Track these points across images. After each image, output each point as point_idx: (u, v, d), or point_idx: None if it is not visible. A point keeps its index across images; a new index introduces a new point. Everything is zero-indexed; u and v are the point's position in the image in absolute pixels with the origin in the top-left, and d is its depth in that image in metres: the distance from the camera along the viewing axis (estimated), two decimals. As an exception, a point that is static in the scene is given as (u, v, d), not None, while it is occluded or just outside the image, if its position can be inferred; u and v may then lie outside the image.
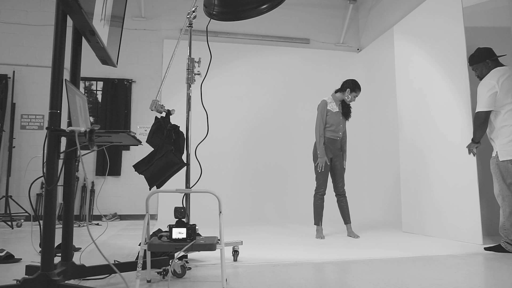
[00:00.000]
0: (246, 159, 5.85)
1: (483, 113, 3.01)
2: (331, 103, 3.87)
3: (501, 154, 2.97)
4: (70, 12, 1.66)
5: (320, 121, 3.82)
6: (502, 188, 2.95)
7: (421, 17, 4.13)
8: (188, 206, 2.52)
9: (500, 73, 3.01)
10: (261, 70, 6.10)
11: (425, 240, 3.56)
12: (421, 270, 2.30)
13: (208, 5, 2.87)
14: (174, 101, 5.50)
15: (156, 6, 6.04)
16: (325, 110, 3.83)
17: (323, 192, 3.80)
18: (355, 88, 3.82)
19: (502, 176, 2.95)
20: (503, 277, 2.16)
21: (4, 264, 2.45)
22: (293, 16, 6.43)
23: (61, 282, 1.61)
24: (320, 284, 2.01)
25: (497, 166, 2.98)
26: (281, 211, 5.70)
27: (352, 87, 3.83)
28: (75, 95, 1.80)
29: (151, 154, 2.44)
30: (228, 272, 2.27)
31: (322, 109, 3.83)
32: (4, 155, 5.24)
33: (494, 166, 3.02)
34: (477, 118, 3.05)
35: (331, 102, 3.88)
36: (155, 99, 2.42)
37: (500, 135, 3.00)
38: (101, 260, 2.41)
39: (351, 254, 2.86)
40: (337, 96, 3.90)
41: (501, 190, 2.96)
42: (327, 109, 3.84)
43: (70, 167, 1.89)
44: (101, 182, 5.51)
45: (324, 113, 3.83)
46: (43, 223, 1.62)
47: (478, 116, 3.04)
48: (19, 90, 5.46)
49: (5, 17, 5.55)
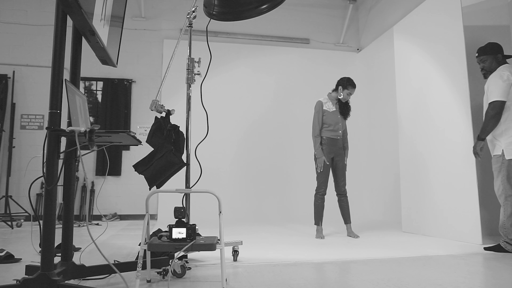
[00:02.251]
0: (246, 159, 5.85)
1: (499, 103, 2.86)
2: (327, 103, 3.88)
3: (508, 152, 2.88)
4: (70, 12, 1.66)
5: (315, 122, 3.84)
6: (506, 187, 2.89)
7: (421, 17, 4.13)
8: (188, 206, 2.52)
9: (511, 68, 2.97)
10: (261, 70, 6.10)
11: (425, 240, 3.56)
12: (421, 270, 2.30)
13: (208, 5, 2.87)
14: (174, 101, 5.50)
15: (156, 6, 6.04)
16: (321, 111, 3.85)
17: (323, 192, 3.80)
18: (347, 85, 3.82)
19: (507, 175, 2.88)
20: (503, 277, 2.16)
21: (4, 264, 2.45)
22: (293, 16, 6.43)
23: (61, 282, 1.61)
24: (320, 284, 2.01)
25: (503, 165, 2.90)
26: (281, 211, 5.69)
27: (344, 84, 3.83)
28: (75, 95, 1.80)
29: (151, 154, 2.44)
30: (228, 272, 2.27)
31: (317, 110, 3.85)
32: (4, 155, 5.24)
33: (499, 164, 2.93)
34: (492, 108, 2.88)
35: (326, 102, 3.89)
36: (155, 99, 2.42)
37: (507, 132, 2.89)
38: (101, 260, 2.41)
39: (351, 254, 2.86)
40: (332, 95, 3.91)
41: (504, 190, 2.90)
42: (323, 109, 3.85)
43: (70, 167, 1.89)
44: (101, 182, 5.51)
45: (320, 114, 3.85)
46: (43, 223, 1.62)
47: (493, 106, 2.88)
48: (19, 90, 5.46)
49: (5, 17, 5.55)
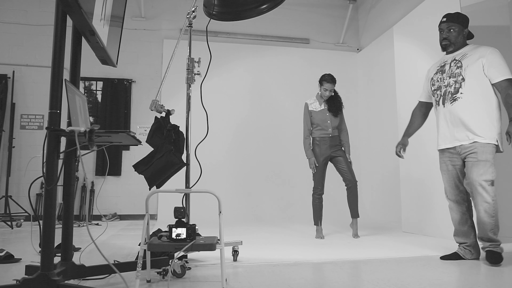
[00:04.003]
0: (246, 159, 5.85)
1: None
2: (314, 103, 3.91)
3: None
4: (70, 12, 1.66)
5: (304, 125, 3.91)
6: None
7: (421, 17, 4.13)
8: (188, 206, 2.52)
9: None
10: (261, 70, 6.10)
11: (425, 240, 3.55)
12: (421, 270, 2.30)
13: (208, 5, 2.86)
14: (174, 101, 5.50)
15: (156, 6, 6.04)
16: (307, 112, 3.90)
17: (320, 192, 3.79)
18: (321, 81, 3.84)
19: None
20: (503, 277, 2.16)
21: (4, 264, 2.45)
22: (293, 16, 6.43)
23: (60, 282, 1.61)
24: (320, 284, 2.01)
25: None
26: (281, 211, 5.69)
27: (320, 81, 3.86)
28: (75, 95, 1.80)
29: (151, 154, 2.43)
30: (228, 272, 2.27)
31: (304, 112, 3.92)
32: (4, 155, 5.24)
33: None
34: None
35: (313, 103, 3.91)
36: (155, 99, 2.42)
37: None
38: (100, 260, 2.41)
39: (351, 254, 2.86)
40: (319, 95, 3.93)
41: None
42: (309, 110, 3.89)
43: (70, 167, 1.89)
44: (101, 182, 5.50)
45: (307, 116, 3.90)
46: (43, 223, 1.62)
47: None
48: (19, 90, 5.46)
49: (5, 17, 5.55)
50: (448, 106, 2.59)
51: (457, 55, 2.65)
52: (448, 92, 2.60)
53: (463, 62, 2.57)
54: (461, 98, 2.53)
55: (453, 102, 2.56)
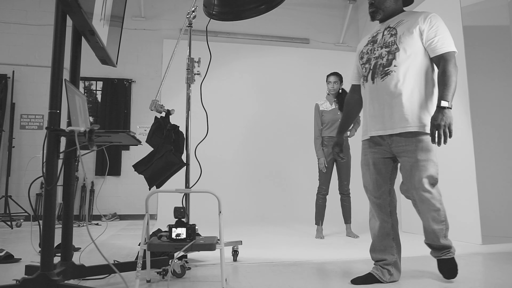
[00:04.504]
0: (246, 159, 5.85)
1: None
2: (324, 103, 3.95)
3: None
4: (69, 12, 1.66)
5: (315, 125, 3.95)
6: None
7: (421, 17, 4.13)
8: (188, 206, 2.52)
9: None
10: (261, 70, 6.10)
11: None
12: (420, 270, 2.31)
13: (208, 5, 2.86)
14: (173, 101, 5.50)
15: (156, 6, 6.04)
16: (318, 112, 3.94)
17: (324, 192, 3.81)
18: (326, 78, 3.96)
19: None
20: (503, 277, 2.16)
21: (4, 264, 2.45)
22: (293, 16, 6.43)
23: (60, 282, 1.61)
24: (320, 284, 2.01)
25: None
26: (281, 211, 5.69)
27: (326, 79, 3.96)
28: (75, 95, 1.80)
29: (151, 154, 2.44)
30: (228, 272, 2.27)
31: (315, 113, 3.97)
32: (4, 155, 5.23)
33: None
34: (455, 60, 1.97)
35: (323, 103, 3.96)
36: (155, 99, 2.41)
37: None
38: (100, 260, 2.41)
39: (351, 254, 2.86)
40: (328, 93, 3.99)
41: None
42: (320, 111, 3.94)
43: (70, 167, 1.89)
44: (100, 182, 5.50)
45: (318, 116, 3.94)
46: (42, 223, 1.62)
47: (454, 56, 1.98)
48: (19, 90, 5.46)
49: (5, 17, 5.55)
50: (378, 81, 2.04)
51: (391, 21, 2.12)
52: (380, 64, 2.05)
53: (398, 29, 2.05)
54: (394, 72, 1.98)
55: (384, 76, 2.01)
